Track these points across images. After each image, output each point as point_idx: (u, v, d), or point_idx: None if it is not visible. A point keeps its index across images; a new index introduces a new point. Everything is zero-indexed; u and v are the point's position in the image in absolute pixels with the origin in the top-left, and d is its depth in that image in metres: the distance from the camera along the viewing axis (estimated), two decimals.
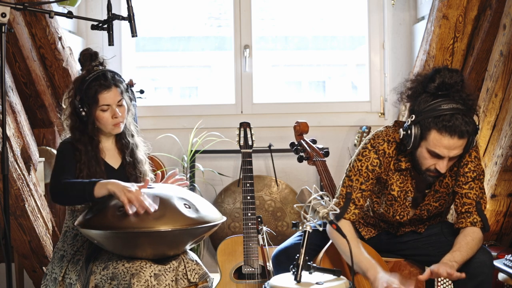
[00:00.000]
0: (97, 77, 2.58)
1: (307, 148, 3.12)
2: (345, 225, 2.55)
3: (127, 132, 2.73)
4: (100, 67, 2.63)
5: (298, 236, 2.76)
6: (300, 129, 3.22)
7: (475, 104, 2.44)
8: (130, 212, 2.29)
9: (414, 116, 2.42)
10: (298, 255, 2.18)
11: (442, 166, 2.42)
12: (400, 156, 2.58)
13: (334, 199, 2.65)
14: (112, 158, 2.70)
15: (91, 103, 2.57)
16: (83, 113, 2.58)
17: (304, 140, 3.18)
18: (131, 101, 2.72)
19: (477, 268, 2.47)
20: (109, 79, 2.59)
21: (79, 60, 2.64)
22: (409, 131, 2.43)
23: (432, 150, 2.40)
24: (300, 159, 3.13)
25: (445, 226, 2.73)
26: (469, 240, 2.49)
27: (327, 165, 3.05)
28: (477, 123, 2.43)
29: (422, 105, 2.41)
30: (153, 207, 2.31)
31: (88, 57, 2.62)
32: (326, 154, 3.13)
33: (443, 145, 2.38)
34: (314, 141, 3.21)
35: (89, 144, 2.61)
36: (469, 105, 2.41)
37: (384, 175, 2.60)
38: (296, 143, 3.17)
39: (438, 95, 2.40)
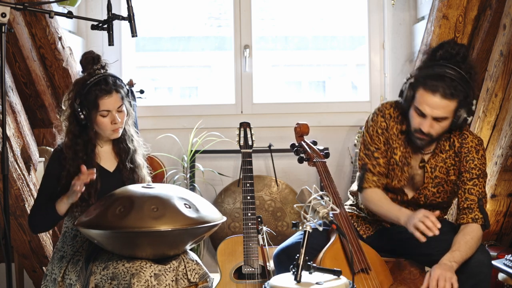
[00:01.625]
0: (98, 82, 2.55)
1: (308, 149, 3.12)
2: (371, 193, 2.67)
3: (127, 138, 2.71)
4: (102, 71, 2.60)
5: (300, 235, 2.76)
6: (301, 131, 3.21)
7: (474, 81, 2.51)
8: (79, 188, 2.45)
9: (410, 75, 2.56)
10: (298, 255, 2.18)
11: (425, 125, 2.51)
12: (403, 119, 2.68)
13: (358, 173, 2.78)
14: (108, 162, 2.69)
15: (91, 107, 2.55)
16: (82, 117, 2.57)
17: (304, 142, 3.17)
18: (131, 106, 2.70)
19: (476, 268, 2.48)
20: (110, 84, 2.57)
21: (81, 62, 2.62)
22: (403, 90, 2.57)
23: (417, 107, 2.51)
24: (300, 160, 3.12)
25: (445, 225, 2.73)
26: (468, 239, 2.50)
27: (327, 165, 3.05)
28: (474, 107, 2.51)
29: (420, 68, 2.54)
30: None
31: (90, 60, 2.60)
32: (327, 155, 3.12)
33: (425, 102, 2.47)
34: (315, 143, 3.20)
35: (82, 150, 2.59)
36: (466, 78, 2.47)
37: (390, 139, 2.70)
38: (297, 144, 3.17)
39: (439, 61, 2.50)
